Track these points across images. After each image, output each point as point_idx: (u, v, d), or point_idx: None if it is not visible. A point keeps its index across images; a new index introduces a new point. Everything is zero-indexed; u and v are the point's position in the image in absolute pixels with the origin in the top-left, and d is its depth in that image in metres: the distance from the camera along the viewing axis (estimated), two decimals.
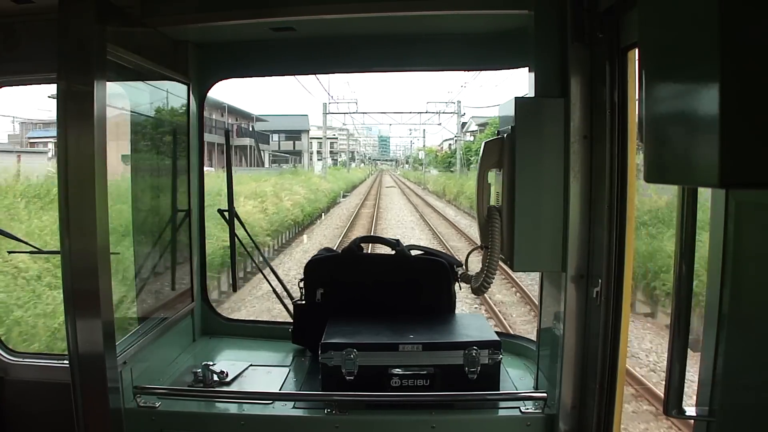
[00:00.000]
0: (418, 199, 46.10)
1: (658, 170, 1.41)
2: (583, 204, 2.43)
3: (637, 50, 2.08)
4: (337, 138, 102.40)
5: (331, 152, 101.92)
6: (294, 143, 77.54)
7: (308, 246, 20.39)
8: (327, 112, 58.06)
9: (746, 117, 1.15)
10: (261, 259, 4.58)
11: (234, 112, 57.93)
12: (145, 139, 3.49)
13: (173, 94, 3.39)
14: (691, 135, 1.28)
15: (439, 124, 59.77)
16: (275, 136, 74.22)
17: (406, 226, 26.67)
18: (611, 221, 2.33)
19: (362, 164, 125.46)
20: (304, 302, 3.30)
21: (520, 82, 2.81)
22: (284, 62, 3.48)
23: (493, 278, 2.57)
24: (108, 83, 2.38)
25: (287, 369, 3.13)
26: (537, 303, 2.88)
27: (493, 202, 2.65)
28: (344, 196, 47.17)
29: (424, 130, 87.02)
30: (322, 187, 38.61)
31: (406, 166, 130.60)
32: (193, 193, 3.45)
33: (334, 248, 3.97)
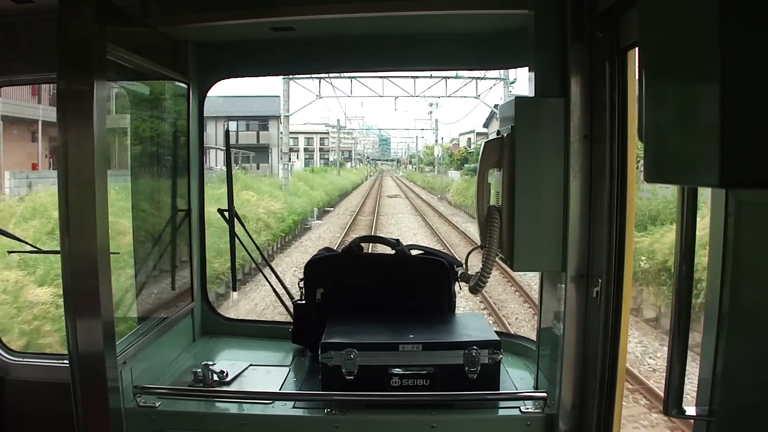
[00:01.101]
0: (447, 228, 24.77)
1: (658, 170, 1.41)
2: (583, 204, 2.43)
3: (637, 50, 2.08)
4: (328, 134, 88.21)
5: (321, 150, 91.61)
6: (258, 134, 50.71)
7: None
8: (290, 76, 29.51)
9: (746, 117, 1.15)
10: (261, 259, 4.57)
11: None
12: (145, 139, 3.49)
13: (173, 94, 3.39)
14: (691, 135, 1.28)
15: (477, 96, 34.72)
16: (233, 125, 45.96)
17: None
18: (611, 221, 2.33)
19: (360, 164, 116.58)
20: (304, 302, 3.30)
21: None
22: (284, 62, 3.49)
23: (488, 277, 2.58)
24: (108, 83, 2.39)
25: (287, 369, 3.13)
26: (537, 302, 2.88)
27: (493, 201, 2.65)
28: (325, 213, 31.35)
29: (436, 120, 71.72)
30: (268, 210, 21.50)
31: (410, 166, 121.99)
32: (193, 193, 3.45)
33: (334, 248, 3.97)
